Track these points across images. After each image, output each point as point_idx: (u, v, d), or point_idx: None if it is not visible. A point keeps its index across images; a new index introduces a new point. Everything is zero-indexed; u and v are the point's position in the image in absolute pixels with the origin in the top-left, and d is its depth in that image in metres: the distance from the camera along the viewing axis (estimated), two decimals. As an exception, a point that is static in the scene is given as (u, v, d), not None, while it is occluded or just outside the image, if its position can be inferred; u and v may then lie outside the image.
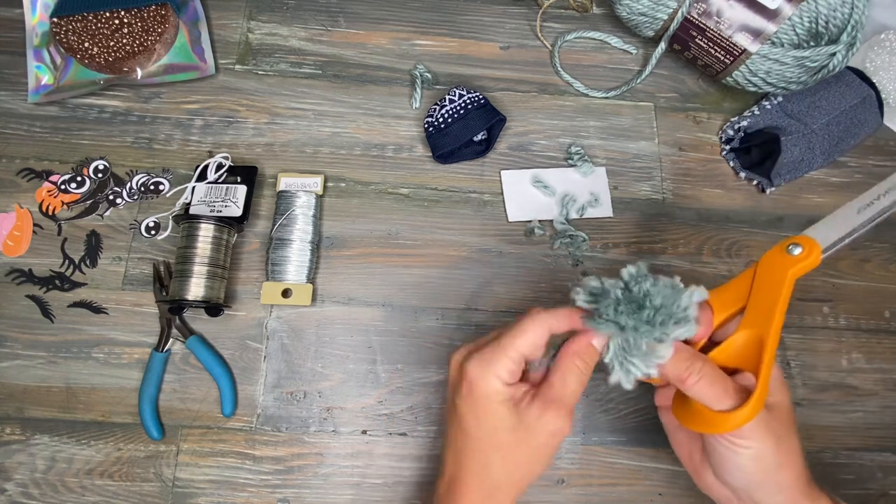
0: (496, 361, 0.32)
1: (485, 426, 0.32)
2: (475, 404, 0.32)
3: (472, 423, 0.33)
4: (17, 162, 0.51)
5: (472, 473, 0.33)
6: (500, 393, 0.32)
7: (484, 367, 0.32)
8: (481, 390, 0.32)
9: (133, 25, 0.52)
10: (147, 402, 0.45)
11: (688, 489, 0.46)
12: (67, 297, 0.48)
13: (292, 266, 0.48)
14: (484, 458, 0.33)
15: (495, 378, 0.32)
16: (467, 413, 0.33)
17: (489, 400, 0.32)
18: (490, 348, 0.33)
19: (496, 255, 0.51)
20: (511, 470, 0.33)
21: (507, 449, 0.32)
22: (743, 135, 0.55)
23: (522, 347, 0.32)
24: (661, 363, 0.31)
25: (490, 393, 0.32)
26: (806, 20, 0.48)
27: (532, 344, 0.33)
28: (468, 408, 0.33)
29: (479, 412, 0.32)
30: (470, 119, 0.51)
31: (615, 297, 0.32)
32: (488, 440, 0.32)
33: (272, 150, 0.53)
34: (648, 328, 0.31)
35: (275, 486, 0.45)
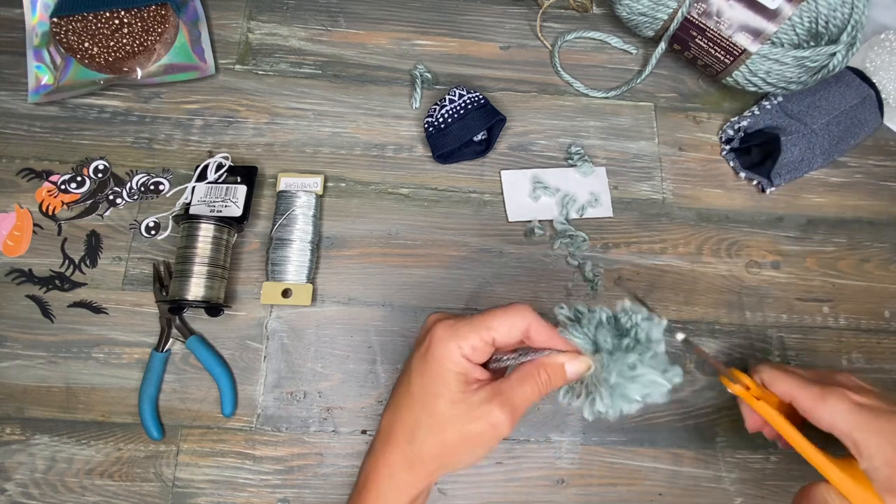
0: (464, 333, 0.31)
1: (428, 387, 0.31)
2: (427, 364, 0.31)
3: (417, 381, 0.32)
4: (17, 162, 0.51)
5: (400, 433, 0.32)
6: (455, 362, 0.31)
7: (450, 333, 0.31)
8: (439, 353, 0.31)
9: (133, 25, 0.52)
10: (147, 402, 0.45)
11: (688, 489, 0.46)
12: (67, 297, 0.48)
13: (292, 266, 0.48)
14: (415, 421, 0.32)
15: (456, 346, 0.31)
16: (417, 369, 0.32)
17: (442, 364, 0.31)
18: (464, 319, 0.32)
19: (496, 255, 0.51)
20: (436, 445, 0.31)
21: (440, 421, 0.31)
22: (743, 135, 0.55)
23: (495, 331, 0.31)
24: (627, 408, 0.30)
25: (445, 357, 0.31)
26: (806, 20, 0.48)
27: (506, 332, 0.32)
28: (420, 365, 0.32)
29: (428, 372, 0.31)
30: (470, 119, 0.51)
31: (599, 319, 0.32)
32: (426, 402, 0.31)
33: (272, 150, 0.53)
34: (622, 354, 0.30)
35: (275, 486, 0.45)
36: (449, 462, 0.32)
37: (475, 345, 0.31)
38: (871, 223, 0.55)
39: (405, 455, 0.32)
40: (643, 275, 0.52)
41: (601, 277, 0.51)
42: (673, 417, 0.48)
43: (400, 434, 0.32)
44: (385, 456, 0.32)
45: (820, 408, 0.36)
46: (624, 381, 0.30)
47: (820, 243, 0.54)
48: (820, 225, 0.55)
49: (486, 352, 0.32)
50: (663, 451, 0.47)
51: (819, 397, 0.36)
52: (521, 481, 0.46)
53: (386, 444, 0.33)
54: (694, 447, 0.47)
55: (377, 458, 0.33)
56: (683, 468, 0.47)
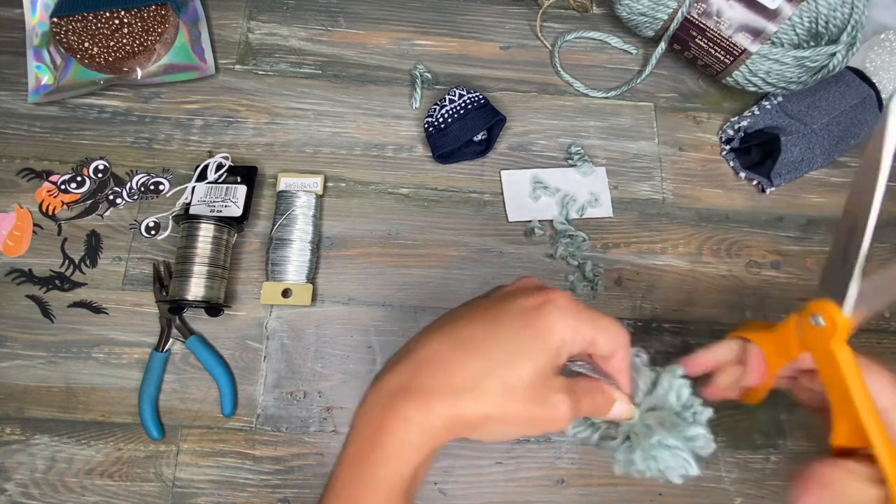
0: (585, 318, 0.27)
1: (524, 345, 0.26)
2: (536, 321, 0.26)
3: (512, 331, 0.26)
4: (17, 162, 0.51)
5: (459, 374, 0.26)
6: (562, 338, 0.26)
7: (573, 310, 0.27)
8: (553, 319, 0.26)
9: (133, 25, 0.52)
10: (147, 402, 0.45)
11: (688, 489, 0.46)
12: (67, 297, 0.48)
13: (292, 266, 0.48)
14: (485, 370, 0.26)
15: (570, 328, 0.27)
16: (516, 319, 0.27)
17: (551, 330, 0.26)
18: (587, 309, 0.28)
19: (496, 255, 0.51)
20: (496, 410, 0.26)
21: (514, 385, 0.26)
22: (743, 135, 0.55)
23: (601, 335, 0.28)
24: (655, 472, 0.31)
25: (558, 327, 0.26)
26: (806, 20, 0.48)
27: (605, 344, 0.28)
28: (522, 317, 0.27)
29: (530, 328, 0.26)
30: (470, 119, 0.51)
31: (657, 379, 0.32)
32: (510, 359, 0.26)
33: (272, 150, 0.53)
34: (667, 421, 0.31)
35: (275, 486, 0.45)
36: (489, 430, 0.27)
37: (585, 336, 0.27)
38: (871, 223, 0.55)
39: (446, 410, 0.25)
40: (643, 275, 0.52)
41: (601, 277, 0.51)
42: (673, 417, 0.48)
43: (458, 374, 0.26)
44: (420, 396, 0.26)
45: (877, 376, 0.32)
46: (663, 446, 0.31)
47: (820, 243, 0.54)
48: (820, 225, 0.55)
49: (579, 348, 0.28)
50: (663, 451, 0.47)
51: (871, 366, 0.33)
52: (521, 481, 0.46)
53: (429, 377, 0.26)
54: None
55: (390, 409, 0.26)
56: (683, 468, 0.47)
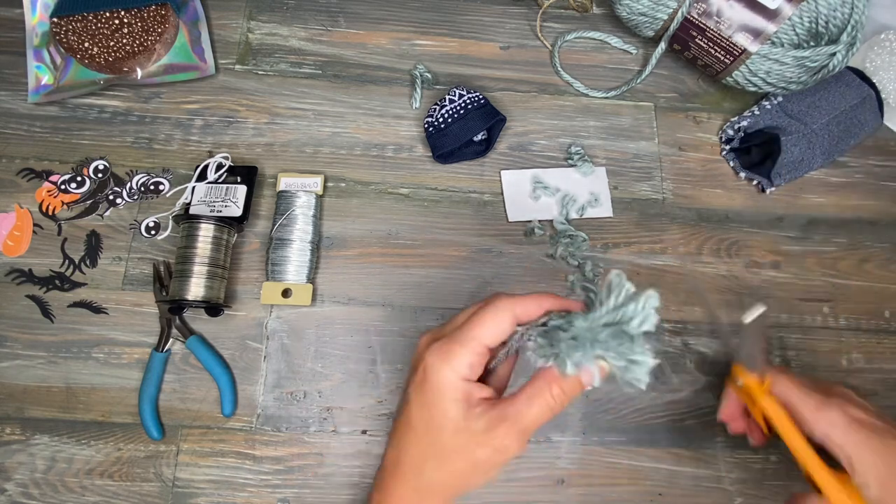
0: (455, 353, 0.29)
1: (430, 422, 0.30)
2: (425, 396, 0.30)
3: (417, 415, 0.30)
4: (17, 162, 0.51)
5: (407, 467, 0.31)
6: (454, 388, 0.29)
7: (442, 357, 0.30)
8: (435, 382, 0.30)
9: (133, 25, 0.52)
10: (147, 402, 0.45)
11: (688, 489, 0.46)
12: (67, 297, 0.48)
13: (292, 266, 0.48)
14: (421, 454, 0.31)
15: (451, 371, 0.29)
16: (416, 403, 0.31)
17: (441, 394, 0.29)
18: (451, 338, 0.30)
19: (496, 255, 0.51)
20: (446, 475, 0.30)
21: (446, 452, 0.30)
22: (743, 135, 0.55)
23: (484, 338, 0.30)
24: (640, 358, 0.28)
25: (443, 386, 0.29)
26: (806, 20, 0.48)
27: (495, 335, 0.30)
28: (418, 398, 0.30)
29: (427, 405, 0.30)
30: (470, 119, 0.51)
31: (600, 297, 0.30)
32: (429, 437, 0.30)
33: (272, 150, 0.53)
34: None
35: (275, 486, 0.45)
36: (460, 488, 0.31)
37: (471, 362, 0.30)
38: (871, 223, 0.55)
39: (415, 488, 0.31)
40: (643, 275, 0.52)
41: (601, 277, 0.51)
42: (673, 417, 0.48)
43: (407, 468, 0.31)
44: (395, 491, 0.31)
45: (816, 417, 0.36)
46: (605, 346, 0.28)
47: (820, 243, 0.54)
48: (820, 225, 0.55)
49: (482, 362, 0.31)
50: (663, 451, 0.47)
51: (817, 407, 0.36)
52: (521, 481, 0.46)
53: (393, 478, 0.32)
54: (694, 447, 0.47)
55: (386, 493, 0.32)
56: (683, 468, 0.47)
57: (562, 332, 0.29)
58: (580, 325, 0.28)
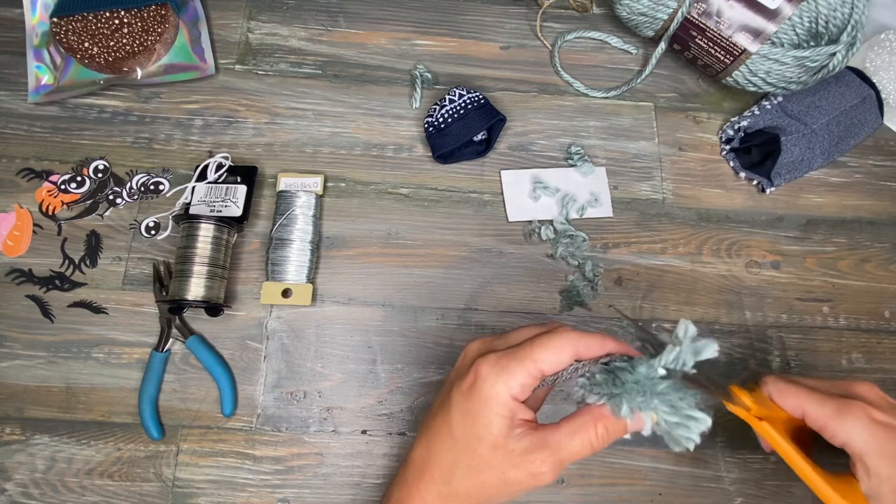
0: (512, 370, 0.30)
1: (470, 428, 0.30)
2: (471, 402, 0.30)
3: (459, 420, 0.31)
4: (17, 162, 0.51)
5: (437, 470, 0.31)
6: (502, 404, 0.30)
7: (497, 371, 0.30)
8: (485, 392, 0.30)
9: (133, 25, 0.52)
10: (147, 402, 0.45)
11: (688, 489, 0.46)
12: (67, 297, 0.48)
13: (292, 266, 0.48)
14: (454, 461, 0.31)
15: (504, 386, 0.30)
16: (459, 407, 0.31)
17: (488, 406, 0.30)
18: (510, 354, 0.30)
19: (496, 255, 0.51)
20: (474, 486, 0.30)
21: (480, 464, 0.30)
22: (743, 135, 0.55)
23: (543, 364, 0.30)
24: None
25: (493, 399, 0.30)
26: (806, 20, 0.48)
27: (554, 363, 0.30)
28: (463, 403, 0.31)
29: (471, 412, 0.30)
30: (470, 119, 0.51)
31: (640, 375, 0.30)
32: (466, 444, 0.30)
33: (272, 150, 0.53)
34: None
35: (275, 486, 0.45)
36: (484, 502, 0.31)
37: (524, 382, 0.30)
38: (871, 223, 0.55)
39: (440, 493, 0.31)
40: (643, 275, 0.52)
41: (601, 277, 0.51)
42: (673, 417, 0.48)
43: (436, 470, 0.31)
44: (419, 490, 0.32)
45: (835, 424, 0.34)
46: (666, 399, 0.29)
47: (820, 243, 0.54)
48: (820, 225, 0.55)
49: (534, 385, 0.31)
50: (663, 451, 0.47)
51: (835, 414, 0.34)
52: (521, 481, 0.46)
53: (420, 477, 0.32)
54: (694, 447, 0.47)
55: (410, 492, 0.32)
56: (683, 468, 0.47)
57: (627, 373, 0.30)
58: (642, 372, 0.29)
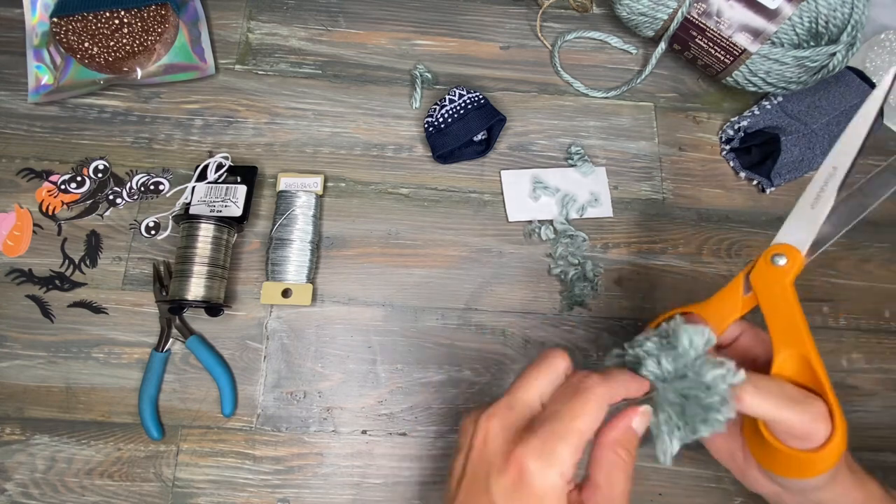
0: (560, 453, 0.26)
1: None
2: (525, 501, 0.26)
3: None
4: (17, 162, 0.51)
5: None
6: (557, 495, 0.26)
7: (546, 460, 0.26)
8: (538, 487, 0.26)
9: (133, 25, 0.52)
10: (147, 402, 0.45)
11: (688, 489, 0.46)
12: (67, 297, 0.48)
13: (292, 266, 0.48)
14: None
15: (559, 476, 0.26)
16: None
17: (544, 500, 0.26)
18: (552, 433, 0.26)
19: (496, 255, 0.51)
20: None
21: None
22: (743, 135, 0.55)
23: (587, 434, 0.27)
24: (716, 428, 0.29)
25: (548, 495, 0.26)
26: (806, 20, 0.48)
27: (594, 427, 0.27)
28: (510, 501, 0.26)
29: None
30: (470, 119, 0.51)
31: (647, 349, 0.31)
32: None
33: (272, 150, 0.53)
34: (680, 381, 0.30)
35: (275, 486, 0.45)
36: None
37: (576, 461, 0.26)
38: (871, 223, 0.55)
39: None
40: (643, 275, 0.52)
41: (601, 277, 0.51)
42: (673, 417, 0.48)
43: None
44: None
45: None
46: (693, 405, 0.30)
47: (820, 243, 0.54)
48: (820, 225, 0.55)
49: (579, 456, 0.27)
50: (663, 451, 0.47)
51: None
52: (521, 481, 0.46)
53: None
54: (694, 447, 0.47)
55: None
56: (683, 468, 0.47)
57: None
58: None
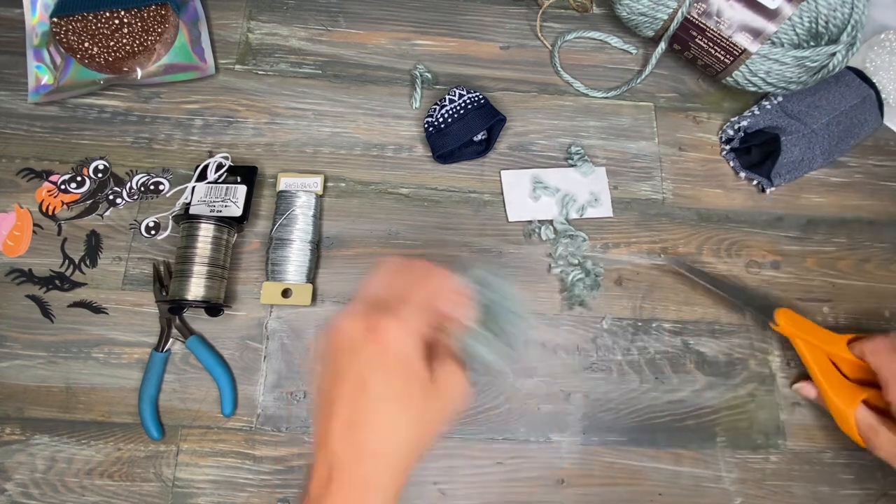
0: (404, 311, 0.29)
1: (396, 380, 0.28)
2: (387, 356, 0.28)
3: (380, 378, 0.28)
4: (17, 162, 0.51)
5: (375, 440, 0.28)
6: (414, 338, 0.29)
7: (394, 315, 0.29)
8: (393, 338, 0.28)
9: (133, 25, 0.52)
10: (147, 402, 0.45)
11: (688, 489, 0.46)
12: (67, 297, 0.48)
13: (292, 266, 0.48)
14: (391, 419, 0.28)
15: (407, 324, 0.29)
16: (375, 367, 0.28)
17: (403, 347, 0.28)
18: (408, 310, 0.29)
19: (496, 255, 0.51)
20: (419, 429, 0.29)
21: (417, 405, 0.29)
22: (743, 135, 0.55)
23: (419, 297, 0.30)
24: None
25: (405, 338, 0.29)
26: (806, 20, 0.48)
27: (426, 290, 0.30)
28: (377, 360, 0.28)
29: (390, 364, 0.28)
30: (470, 119, 0.51)
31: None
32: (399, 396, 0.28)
33: (272, 150, 0.53)
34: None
35: (275, 486, 0.45)
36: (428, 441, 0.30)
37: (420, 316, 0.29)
38: (871, 223, 0.55)
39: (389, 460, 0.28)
40: (643, 275, 0.52)
41: (601, 277, 0.51)
42: (673, 417, 0.48)
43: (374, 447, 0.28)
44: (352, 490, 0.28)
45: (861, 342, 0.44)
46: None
47: (820, 243, 0.54)
48: (820, 225, 0.55)
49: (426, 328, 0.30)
50: (663, 451, 0.47)
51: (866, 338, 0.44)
52: (521, 481, 0.46)
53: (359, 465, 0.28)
54: (694, 447, 0.47)
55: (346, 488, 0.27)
56: (683, 468, 0.47)
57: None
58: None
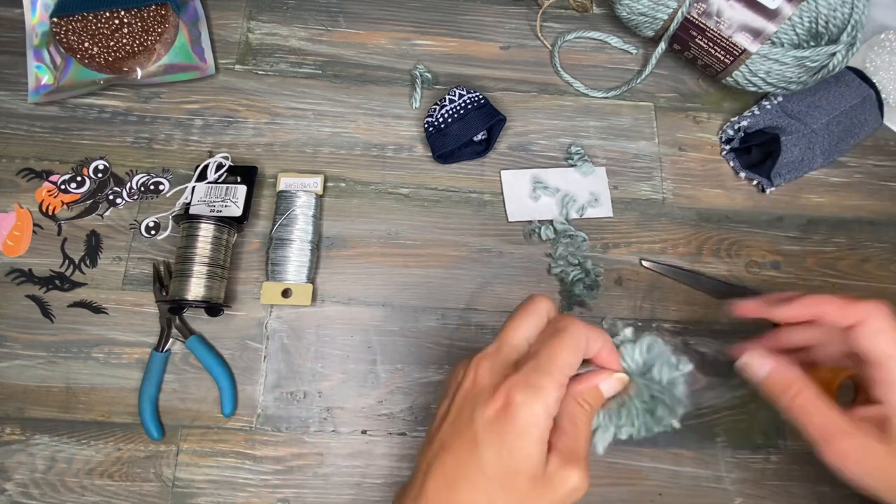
0: (544, 386, 0.26)
1: (508, 463, 0.26)
2: (507, 434, 0.26)
3: (493, 453, 0.26)
4: (17, 162, 0.51)
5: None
6: (541, 429, 0.27)
7: (532, 393, 0.26)
8: (523, 419, 0.26)
9: (133, 25, 0.52)
10: (147, 402, 0.45)
11: (688, 489, 0.46)
12: (67, 297, 0.48)
13: (292, 266, 0.48)
14: (489, 498, 0.27)
15: (543, 407, 0.26)
16: (491, 440, 0.27)
17: (526, 434, 0.26)
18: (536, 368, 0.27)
19: (496, 255, 0.51)
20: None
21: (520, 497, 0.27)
22: (743, 135, 0.55)
23: (569, 369, 0.27)
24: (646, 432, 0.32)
25: (531, 426, 0.26)
26: (806, 20, 0.48)
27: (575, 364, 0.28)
28: (495, 435, 0.27)
29: (507, 444, 0.26)
30: (470, 119, 0.51)
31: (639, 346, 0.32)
32: (504, 479, 0.26)
33: (272, 150, 0.53)
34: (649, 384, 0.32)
35: (275, 486, 0.45)
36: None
37: (558, 396, 0.27)
38: (871, 223, 0.55)
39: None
40: (643, 275, 0.52)
41: (601, 277, 0.51)
42: (673, 417, 0.48)
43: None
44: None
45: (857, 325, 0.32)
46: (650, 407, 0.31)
47: (820, 243, 0.54)
48: (820, 225, 0.55)
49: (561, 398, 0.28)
50: (663, 451, 0.47)
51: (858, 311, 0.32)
52: (521, 481, 0.46)
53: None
54: (694, 447, 0.47)
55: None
56: (683, 468, 0.47)
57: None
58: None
